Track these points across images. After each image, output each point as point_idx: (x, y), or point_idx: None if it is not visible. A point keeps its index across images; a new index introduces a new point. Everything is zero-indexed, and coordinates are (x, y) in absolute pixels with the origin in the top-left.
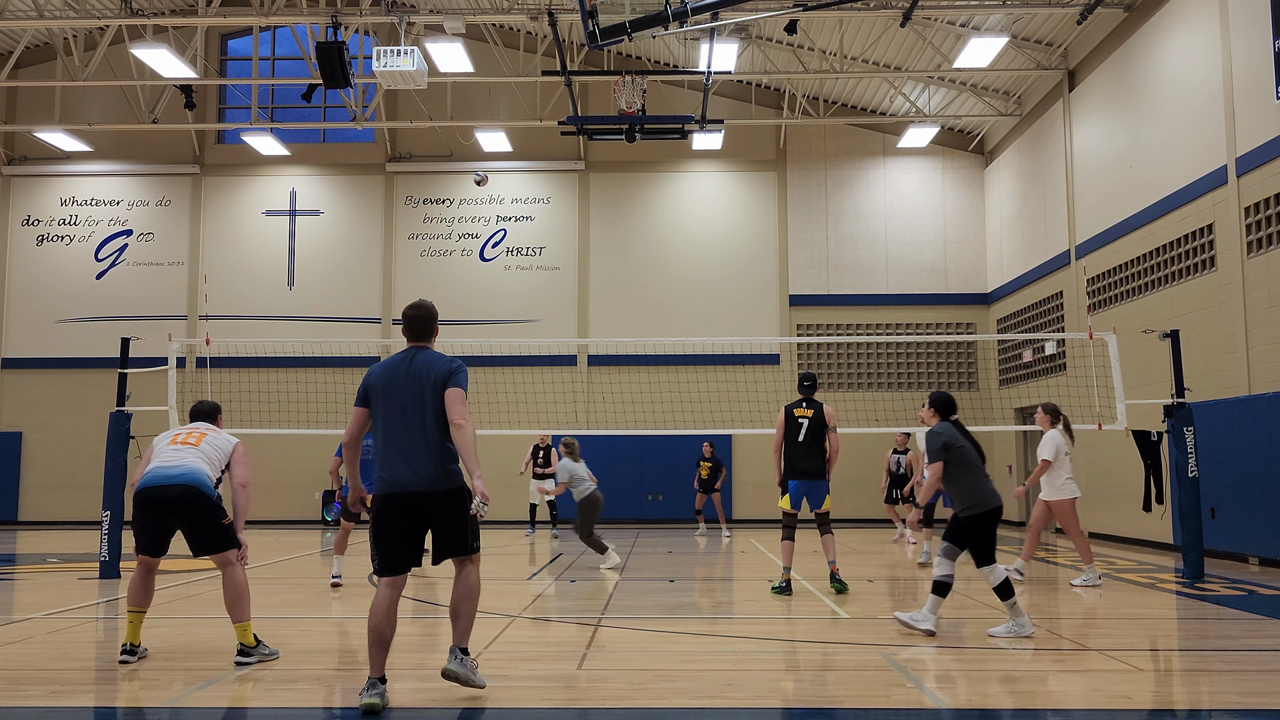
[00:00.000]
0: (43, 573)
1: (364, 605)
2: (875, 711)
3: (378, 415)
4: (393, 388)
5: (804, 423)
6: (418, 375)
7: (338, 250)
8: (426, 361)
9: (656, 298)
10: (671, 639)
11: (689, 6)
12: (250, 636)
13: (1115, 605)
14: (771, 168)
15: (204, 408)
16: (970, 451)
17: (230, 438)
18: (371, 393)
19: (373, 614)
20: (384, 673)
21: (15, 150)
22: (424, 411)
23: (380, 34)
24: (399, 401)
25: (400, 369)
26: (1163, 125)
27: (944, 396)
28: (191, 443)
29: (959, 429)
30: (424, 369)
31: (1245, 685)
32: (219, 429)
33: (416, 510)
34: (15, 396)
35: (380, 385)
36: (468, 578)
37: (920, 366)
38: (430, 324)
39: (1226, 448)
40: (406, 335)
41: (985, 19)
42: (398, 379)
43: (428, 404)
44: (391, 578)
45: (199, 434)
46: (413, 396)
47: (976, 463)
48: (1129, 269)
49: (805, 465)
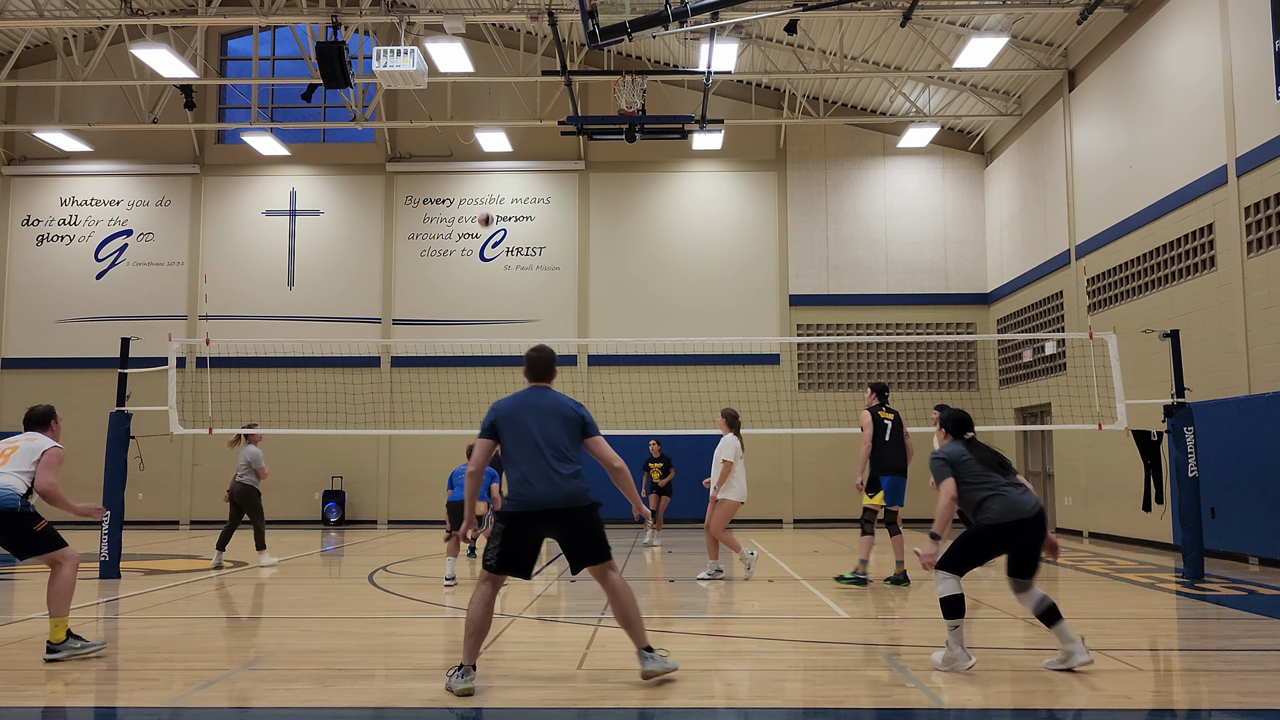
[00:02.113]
0: (43, 573)
1: (356, 606)
2: (875, 711)
3: (511, 444)
4: (526, 418)
5: (889, 424)
6: (550, 410)
7: (338, 250)
8: (556, 400)
9: (656, 298)
10: (671, 639)
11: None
12: (63, 633)
13: (1115, 605)
14: (771, 168)
15: (34, 414)
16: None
17: (46, 442)
18: (500, 425)
19: (473, 608)
20: (475, 660)
21: (15, 150)
22: (555, 441)
23: (380, 34)
24: (533, 431)
25: (529, 402)
26: (1163, 125)
27: (955, 416)
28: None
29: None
30: (555, 405)
31: (1245, 685)
32: (46, 435)
33: (549, 523)
34: (15, 396)
35: (511, 417)
36: (616, 583)
37: (920, 366)
38: (552, 365)
39: (1226, 448)
40: (528, 375)
41: (985, 19)
42: (529, 411)
43: (557, 435)
44: (498, 576)
45: (11, 448)
46: (545, 427)
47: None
48: (1129, 269)
49: (896, 462)
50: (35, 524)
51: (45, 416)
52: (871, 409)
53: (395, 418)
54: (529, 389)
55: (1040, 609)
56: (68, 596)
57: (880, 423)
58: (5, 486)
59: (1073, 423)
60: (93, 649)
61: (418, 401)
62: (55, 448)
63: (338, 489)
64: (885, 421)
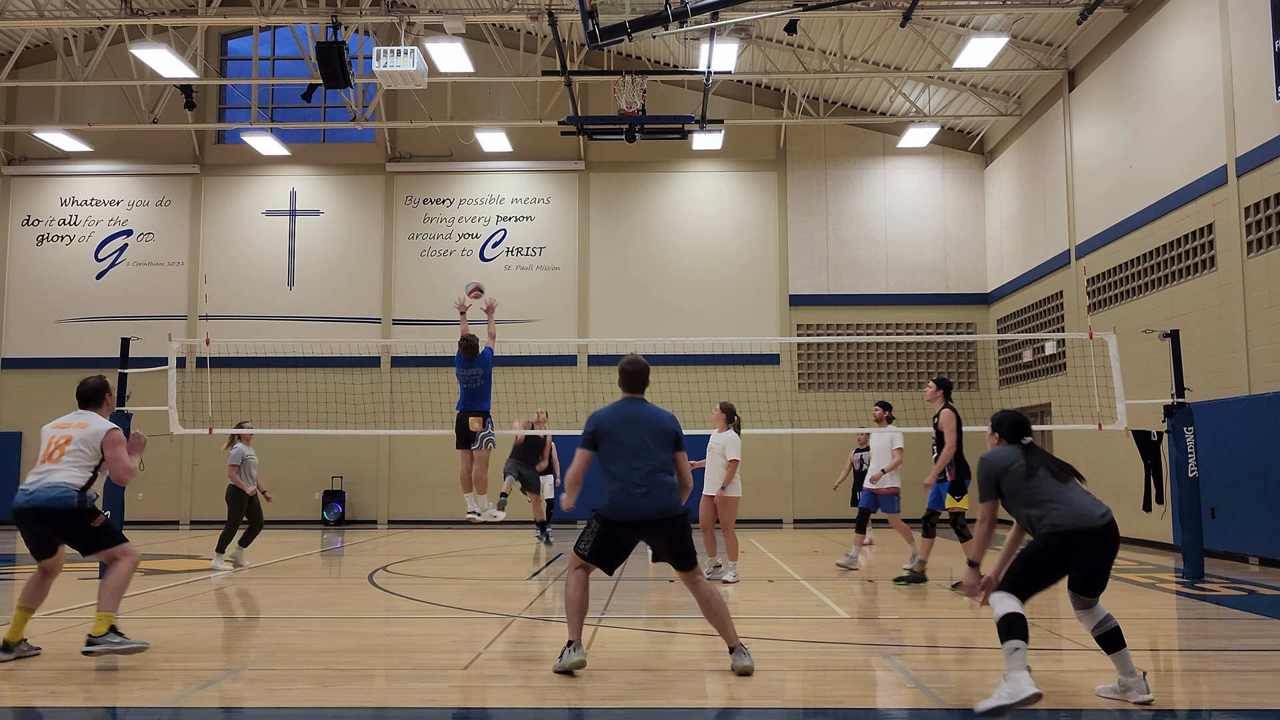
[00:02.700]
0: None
1: (356, 606)
2: (875, 711)
3: (609, 454)
4: (624, 430)
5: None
6: (650, 424)
7: (338, 250)
8: (653, 412)
9: (656, 298)
10: (671, 639)
11: (689, 6)
12: (105, 627)
13: (1115, 605)
14: (771, 168)
15: (85, 390)
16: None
17: (101, 425)
18: (600, 436)
19: (570, 590)
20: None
21: (15, 150)
22: (654, 453)
23: (380, 34)
24: (630, 443)
25: (629, 415)
26: (1162, 125)
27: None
28: (54, 459)
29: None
30: (653, 417)
31: (1245, 685)
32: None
33: (642, 531)
34: (15, 396)
35: (610, 429)
36: (703, 588)
37: (920, 366)
38: (646, 376)
39: (1226, 448)
40: (624, 387)
41: (985, 19)
42: (630, 424)
43: (654, 447)
44: (592, 566)
45: (64, 438)
46: (643, 438)
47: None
48: (1129, 269)
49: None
50: (93, 519)
51: (98, 392)
52: (950, 407)
53: (395, 418)
54: (626, 400)
55: (1101, 630)
56: (119, 592)
57: (959, 421)
58: (59, 485)
59: (1073, 423)
60: (132, 647)
61: (418, 401)
62: (113, 430)
63: (338, 489)
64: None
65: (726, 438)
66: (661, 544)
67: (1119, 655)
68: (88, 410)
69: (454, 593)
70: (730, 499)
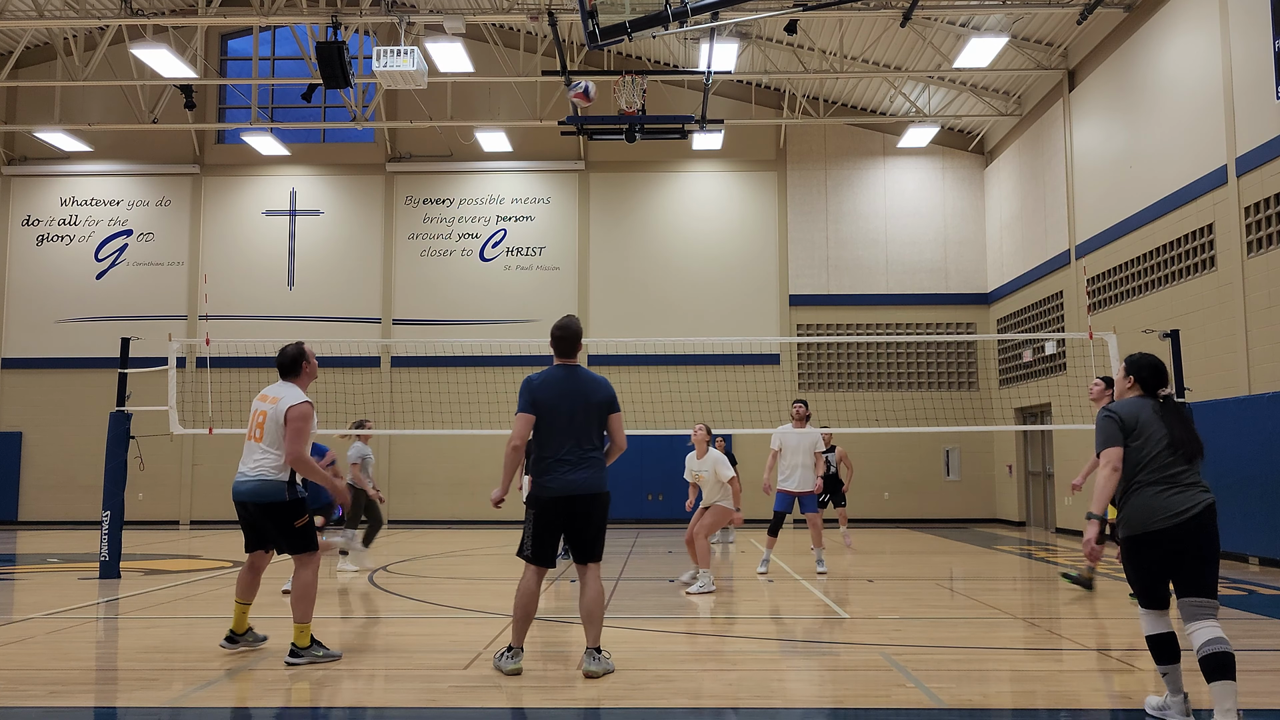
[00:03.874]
0: (43, 573)
1: (356, 606)
2: (875, 711)
3: (546, 430)
4: (562, 406)
5: None
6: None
7: (338, 250)
8: (588, 384)
9: (656, 298)
10: (671, 639)
11: (689, 6)
12: (307, 638)
13: (1115, 605)
14: (771, 168)
15: (284, 359)
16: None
17: (291, 398)
18: (538, 409)
19: (520, 596)
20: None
21: (15, 150)
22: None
23: (380, 34)
24: (567, 419)
25: (565, 388)
26: (1162, 125)
27: (1150, 362)
28: (256, 437)
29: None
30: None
31: (1245, 685)
32: (296, 384)
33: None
34: (15, 396)
35: (548, 404)
36: (595, 585)
37: (920, 366)
38: (579, 340)
39: (1226, 448)
40: (558, 352)
41: (985, 19)
42: (567, 398)
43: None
44: (540, 567)
45: (261, 413)
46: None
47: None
48: (1129, 269)
49: None
50: (298, 518)
51: (295, 360)
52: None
53: (395, 418)
54: (560, 367)
55: (1201, 654)
56: (311, 600)
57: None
58: (266, 476)
59: (1073, 423)
60: (332, 657)
61: (418, 401)
62: (296, 406)
63: None
64: None
65: (714, 460)
66: (578, 525)
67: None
68: (286, 381)
69: (454, 593)
70: (723, 509)
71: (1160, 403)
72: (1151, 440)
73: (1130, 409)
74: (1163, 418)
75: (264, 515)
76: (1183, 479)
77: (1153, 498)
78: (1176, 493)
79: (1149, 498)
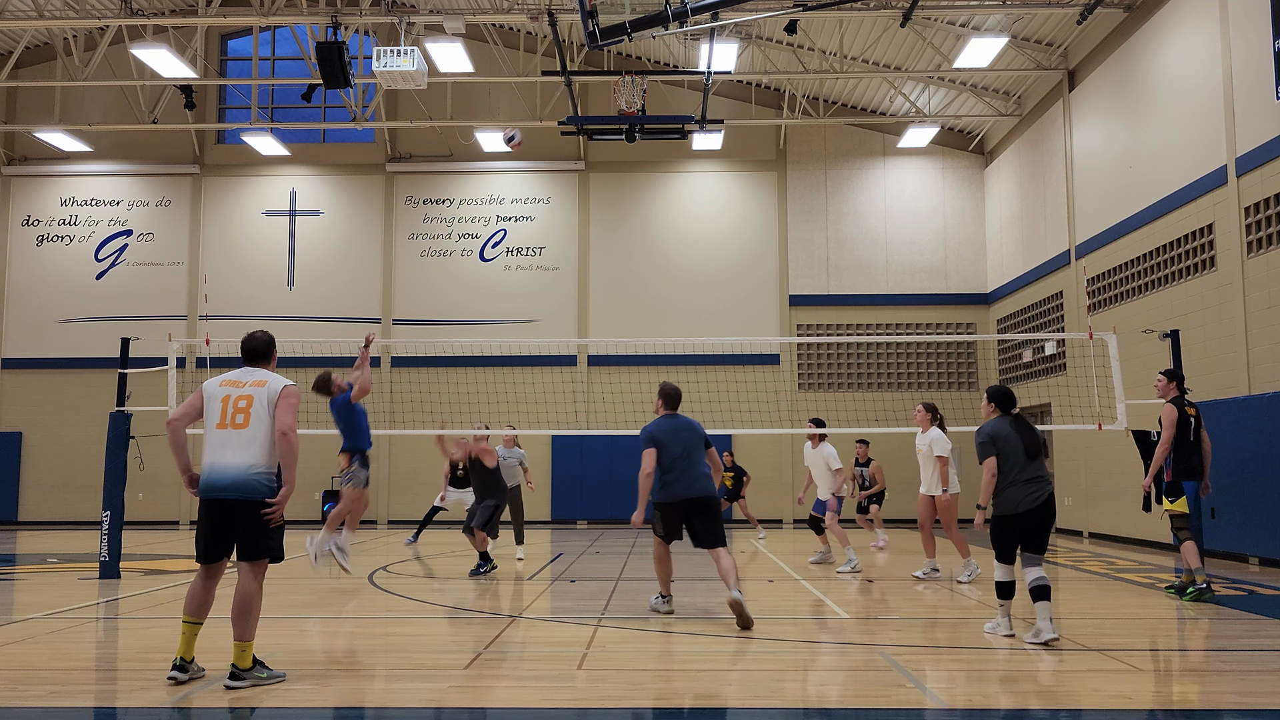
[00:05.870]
0: (43, 573)
1: (356, 606)
2: (875, 711)
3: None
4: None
5: (1192, 421)
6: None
7: (338, 250)
8: (690, 423)
9: (656, 298)
10: (671, 639)
11: (689, 6)
12: (248, 658)
13: (1115, 605)
14: (771, 168)
15: (254, 346)
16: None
17: (279, 381)
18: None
19: (658, 561)
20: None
21: (15, 150)
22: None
23: (380, 34)
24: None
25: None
26: (1162, 125)
27: (1001, 391)
28: (238, 424)
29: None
30: (690, 427)
31: (1245, 685)
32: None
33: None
34: (15, 396)
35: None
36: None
37: (920, 366)
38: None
39: (1226, 448)
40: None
41: (985, 19)
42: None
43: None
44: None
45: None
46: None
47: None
48: (1129, 269)
49: (1198, 464)
50: (272, 516)
51: (269, 345)
52: (1174, 402)
53: (395, 418)
54: (667, 416)
55: (1032, 585)
56: (256, 615)
57: (1186, 419)
58: (252, 468)
59: (1073, 423)
60: (277, 678)
61: (418, 401)
62: (289, 386)
63: (337, 489)
64: (1190, 418)
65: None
66: (699, 519)
67: (1040, 606)
68: (258, 366)
69: (454, 593)
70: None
71: (1013, 419)
72: (1012, 449)
73: (996, 428)
74: (1017, 431)
75: (244, 512)
76: (1035, 474)
77: (1018, 490)
78: (1032, 487)
79: (1016, 490)
